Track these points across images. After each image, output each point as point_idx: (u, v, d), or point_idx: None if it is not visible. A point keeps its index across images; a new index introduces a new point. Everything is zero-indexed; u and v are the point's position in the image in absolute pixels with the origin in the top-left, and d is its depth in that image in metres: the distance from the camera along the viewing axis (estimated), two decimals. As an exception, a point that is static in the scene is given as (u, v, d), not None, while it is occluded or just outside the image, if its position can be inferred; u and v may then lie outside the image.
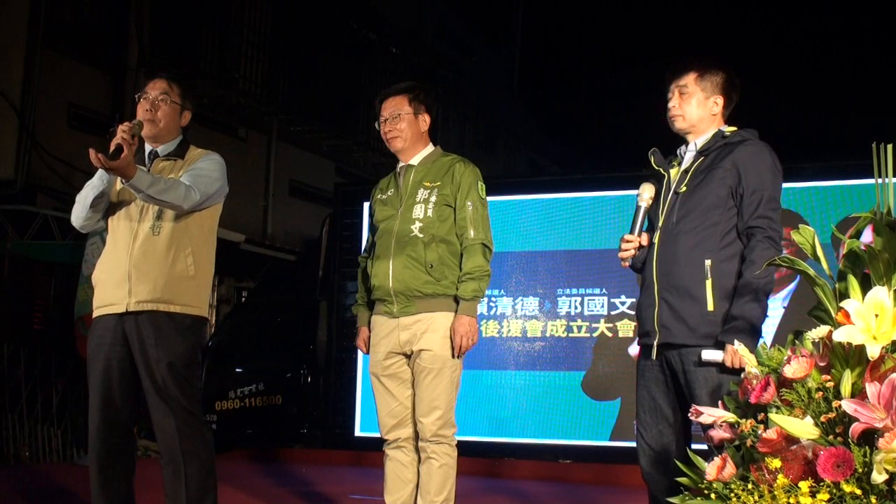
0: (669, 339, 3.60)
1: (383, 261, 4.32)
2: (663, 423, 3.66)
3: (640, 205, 3.80)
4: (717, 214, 3.59)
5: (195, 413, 4.10)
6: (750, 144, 3.64)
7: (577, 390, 8.33)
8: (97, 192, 4.12)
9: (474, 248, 4.28)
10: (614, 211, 8.35)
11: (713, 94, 3.73)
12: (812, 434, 2.37)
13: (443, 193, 4.32)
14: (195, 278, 4.14)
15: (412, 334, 4.26)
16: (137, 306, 4.03)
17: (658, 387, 3.68)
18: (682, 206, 3.66)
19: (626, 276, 7.97)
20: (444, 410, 4.23)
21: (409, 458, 4.36)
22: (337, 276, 9.54)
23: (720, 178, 3.60)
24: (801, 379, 2.49)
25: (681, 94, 3.75)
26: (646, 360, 3.74)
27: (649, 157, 3.89)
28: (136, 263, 4.05)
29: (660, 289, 3.65)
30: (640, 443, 3.72)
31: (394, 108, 4.40)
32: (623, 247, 3.81)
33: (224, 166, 4.31)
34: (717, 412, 2.70)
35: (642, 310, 3.77)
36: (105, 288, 4.14)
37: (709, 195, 3.61)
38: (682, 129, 3.78)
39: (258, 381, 9.67)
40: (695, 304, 3.55)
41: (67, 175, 10.10)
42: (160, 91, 4.25)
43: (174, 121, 4.28)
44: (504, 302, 8.70)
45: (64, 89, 10.46)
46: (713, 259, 3.55)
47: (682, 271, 3.59)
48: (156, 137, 4.25)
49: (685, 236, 3.62)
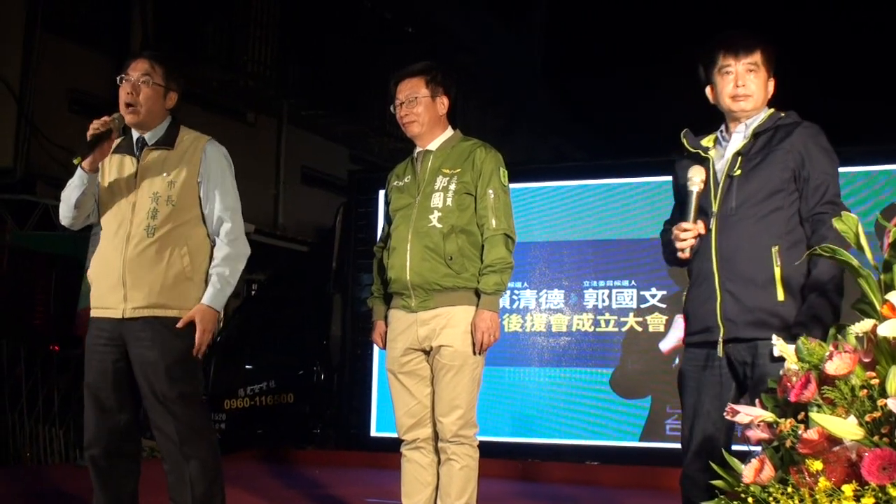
0: (737, 333, 3.48)
1: (400, 252, 4.31)
2: (710, 426, 3.54)
3: (692, 189, 3.63)
4: (780, 199, 3.51)
5: (195, 414, 4.12)
6: (808, 127, 3.56)
7: (605, 388, 8.32)
8: (79, 192, 4.14)
9: (496, 239, 4.26)
10: (643, 198, 8.32)
11: (770, 75, 3.64)
12: (856, 434, 2.35)
13: (463, 181, 4.30)
14: (192, 279, 4.13)
15: (431, 330, 4.26)
16: (133, 313, 4.05)
17: (712, 387, 3.57)
18: (740, 190, 3.55)
19: (657, 268, 7.95)
20: (464, 409, 4.22)
21: (427, 459, 4.35)
22: (351, 268, 9.54)
23: (781, 160, 3.51)
24: (844, 376, 2.47)
25: (748, 71, 3.60)
26: (699, 358, 3.63)
27: (682, 137, 3.79)
28: (130, 267, 4.05)
29: (722, 280, 3.53)
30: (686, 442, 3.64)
31: (410, 91, 4.38)
32: (681, 237, 3.65)
33: (226, 155, 4.31)
34: (754, 411, 2.68)
35: (697, 304, 3.66)
36: (100, 289, 4.15)
37: (771, 178, 3.51)
38: (747, 111, 3.64)
39: (269, 379, 9.69)
40: (763, 293, 3.45)
41: (68, 163, 10.05)
42: (141, 72, 4.20)
43: (158, 104, 4.22)
44: (527, 295, 8.69)
45: (64, 74, 10.50)
46: (780, 245, 3.46)
47: (747, 259, 3.49)
48: (141, 124, 4.21)
49: (748, 222, 3.51)
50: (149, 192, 4.13)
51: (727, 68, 3.63)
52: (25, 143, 9.93)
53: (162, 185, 4.13)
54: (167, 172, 4.16)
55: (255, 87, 13.00)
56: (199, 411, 4.16)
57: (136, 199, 4.13)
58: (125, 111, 4.17)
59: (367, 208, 9.36)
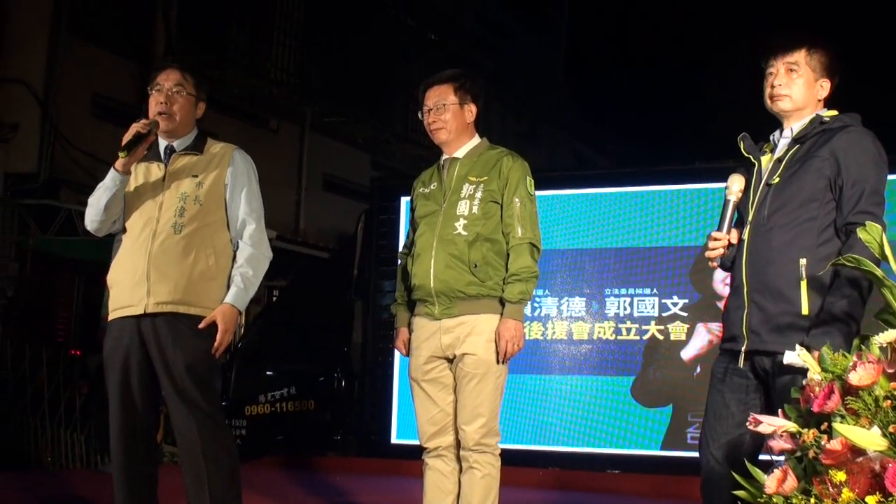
0: (759, 345, 3.46)
1: (424, 259, 4.32)
2: (734, 433, 3.52)
3: (729, 198, 3.64)
4: (814, 209, 3.44)
5: (216, 417, 4.14)
6: (851, 131, 3.48)
7: (627, 396, 8.30)
8: (110, 195, 4.16)
9: (521, 248, 4.26)
10: (666, 206, 8.31)
11: (822, 77, 3.59)
12: (880, 445, 2.35)
13: (489, 189, 4.31)
14: (217, 279, 4.16)
15: (455, 338, 4.26)
16: (156, 308, 4.06)
17: (735, 395, 3.55)
18: (775, 198, 3.51)
19: (678, 276, 7.94)
20: (487, 418, 4.22)
21: (449, 467, 4.35)
22: (373, 275, 9.55)
23: (817, 168, 3.44)
24: (868, 386, 2.47)
25: (788, 71, 3.58)
26: (728, 365, 3.60)
27: (739, 141, 3.74)
28: (155, 263, 4.08)
29: (749, 290, 3.50)
30: (704, 452, 3.60)
31: (438, 98, 4.40)
32: (711, 245, 3.66)
33: (251, 162, 4.37)
34: (777, 421, 2.68)
35: (730, 312, 3.62)
36: (122, 289, 4.16)
37: (805, 187, 3.45)
38: (786, 111, 3.61)
39: (290, 385, 9.71)
40: (788, 306, 3.40)
41: (92, 168, 10.19)
42: (174, 82, 4.27)
43: (190, 113, 4.31)
44: (549, 302, 8.69)
45: (88, 79, 10.56)
46: (809, 258, 3.39)
47: (774, 271, 3.44)
48: (172, 132, 4.27)
49: (778, 232, 3.47)
50: (177, 192, 4.17)
51: (770, 69, 3.63)
52: (49, 148, 9.99)
53: (190, 185, 4.18)
54: (196, 174, 4.21)
55: (278, 94, 13.03)
56: (219, 414, 4.18)
57: (163, 199, 4.16)
58: (160, 118, 4.22)
59: (389, 215, 9.38)
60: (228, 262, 4.23)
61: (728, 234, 3.63)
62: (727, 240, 3.63)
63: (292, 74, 13.13)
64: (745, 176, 3.66)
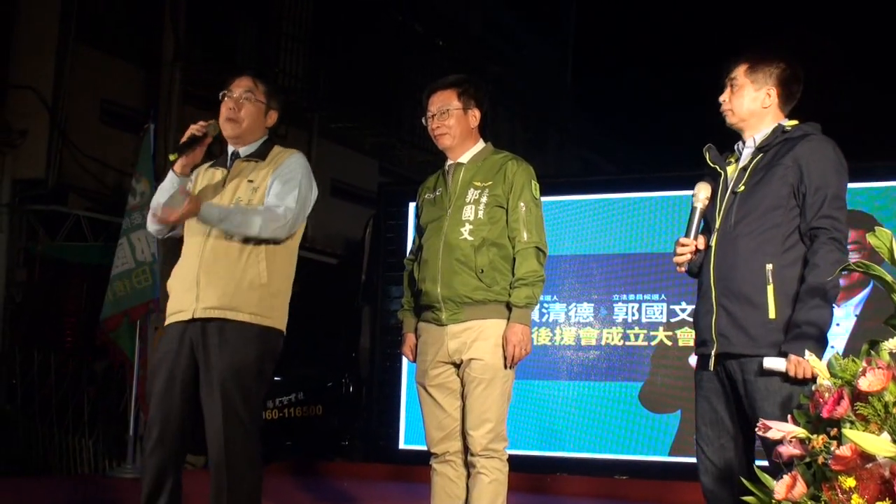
0: (728, 348, 3.58)
1: (431, 265, 4.32)
2: (725, 436, 3.64)
3: (696, 206, 3.79)
4: (779, 215, 3.56)
5: (249, 428, 4.08)
6: (812, 139, 3.60)
7: (634, 402, 8.30)
8: (167, 196, 4.16)
9: (528, 252, 4.27)
10: (673, 212, 8.30)
11: (765, 86, 3.69)
12: (889, 451, 2.35)
13: (494, 194, 4.31)
14: (268, 286, 4.14)
15: (462, 343, 4.26)
16: (204, 313, 4.05)
17: (718, 398, 3.66)
18: (741, 206, 3.63)
19: (687, 282, 7.85)
20: (494, 423, 4.22)
21: (457, 472, 4.35)
22: (380, 281, 9.57)
23: (780, 175, 3.56)
24: (878, 392, 2.46)
25: (731, 87, 3.74)
26: (703, 370, 3.72)
27: (704, 153, 3.88)
28: (206, 268, 4.08)
29: (717, 295, 3.63)
30: (700, 458, 3.71)
31: (442, 103, 4.40)
32: (678, 251, 3.82)
33: (307, 165, 4.33)
34: (787, 427, 2.67)
35: (699, 317, 3.75)
36: (175, 294, 4.18)
37: (769, 195, 3.57)
38: (733, 125, 3.77)
39: (298, 391, 9.71)
40: (755, 311, 3.52)
41: (100, 174, 10.21)
42: (244, 89, 4.29)
43: (258, 121, 4.32)
44: (557, 308, 8.69)
45: (97, 85, 10.56)
46: (775, 263, 3.52)
47: (741, 277, 3.57)
48: (238, 138, 4.28)
49: (744, 239, 3.59)
50: (232, 196, 4.18)
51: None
52: (57, 154, 9.97)
53: (245, 190, 4.19)
54: (252, 180, 4.21)
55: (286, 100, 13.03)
56: (253, 425, 4.12)
57: (219, 203, 4.16)
58: (225, 124, 4.22)
59: (397, 221, 9.39)
60: (280, 268, 4.22)
61: (695, 241, 3.77)
62: (694, 246, 3.77)
63: (300, 80, 13.12)
64: (712, 184, 3.79)
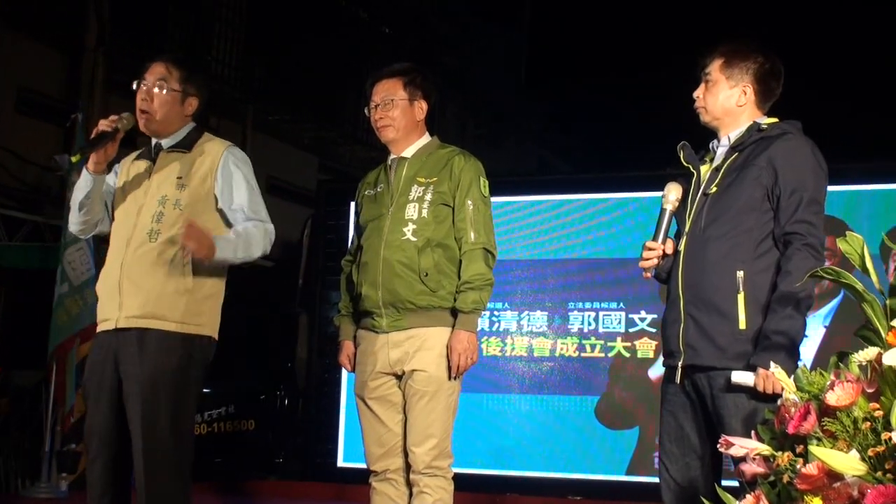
0: (695, 360, 3.56)
1: (370, 267, 4.29)
2: (691, 454, 3.64)
3: (666, 207, 3.77)
4: (752, 219, 3.55)
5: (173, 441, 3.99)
6: (789, 139, 3.59)
7: (590, 417, 8.31)
8: (82, 195, 4.11)
9: (475, 254, 4.25)
10: (634, 215, 8.34)
11: (741, 83, 3.70)
12: (858, 470, 2.35)
13: (439, 191, 4.29)
14: (194, 292, 4.09)
15: (404, 352, 4.23)
16: (127, 322, 4.00)
17: (685, 413, 3.65)
18: (712, 208, 3.63)
19: (647, 290, 7.95)
20: (439, 439, 4.20)
21: (398, 491, 4.33)
22: (319, 286, 9.52)
23: (754, 177, 3.56)
24: (846, 407, 2.47)
25: (705, 82, 3.75)
26: (670, 383, 3.71)
27: (678, 151, 3.86)
28: (127, 273, 4.03)
29: (685, 303, 3.61)
30: (664, 476, 3.70)
31: (386, 93, 4.37)
32: (645, 255, 3.77)
33: (248, 160, 4.33)
34: (749, 443, 2.68)
35: (667, 327, 3.73)
36: (101, 302, 4.14)
37: (741, 197, 3.57)
38: (707, 123, 3.78)
39: (228, 404, 9.62)
40: (724, 321, 3.51)
41: (18, 168, 10.07)
42: (157, 77, 4.21)
43: (174, 110, 4.23)
44: (508, 316, 8.69)
45: (13, 71, 10.43)
46: (746, 270, 3.51)
47: (710, 284, 3.55)
48: (156, 132, 4.23)
49: (714, 243, 3.58)
50: (157, 195, 4.12)
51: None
52: (-31, 146, 9.86)
53: (171, 188, 4.13)
54: (179, 175, 4.15)
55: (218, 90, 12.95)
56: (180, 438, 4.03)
57: (143, 202, 4.11)
58: (139, 117, 4.16)
59: (337, 221, 9.35)
60: (209, 273, 4.15)
61: (663, 245, 3.75)
62: (661, 250, 3.74)
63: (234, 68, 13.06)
64: (684, 185, 3.79)
